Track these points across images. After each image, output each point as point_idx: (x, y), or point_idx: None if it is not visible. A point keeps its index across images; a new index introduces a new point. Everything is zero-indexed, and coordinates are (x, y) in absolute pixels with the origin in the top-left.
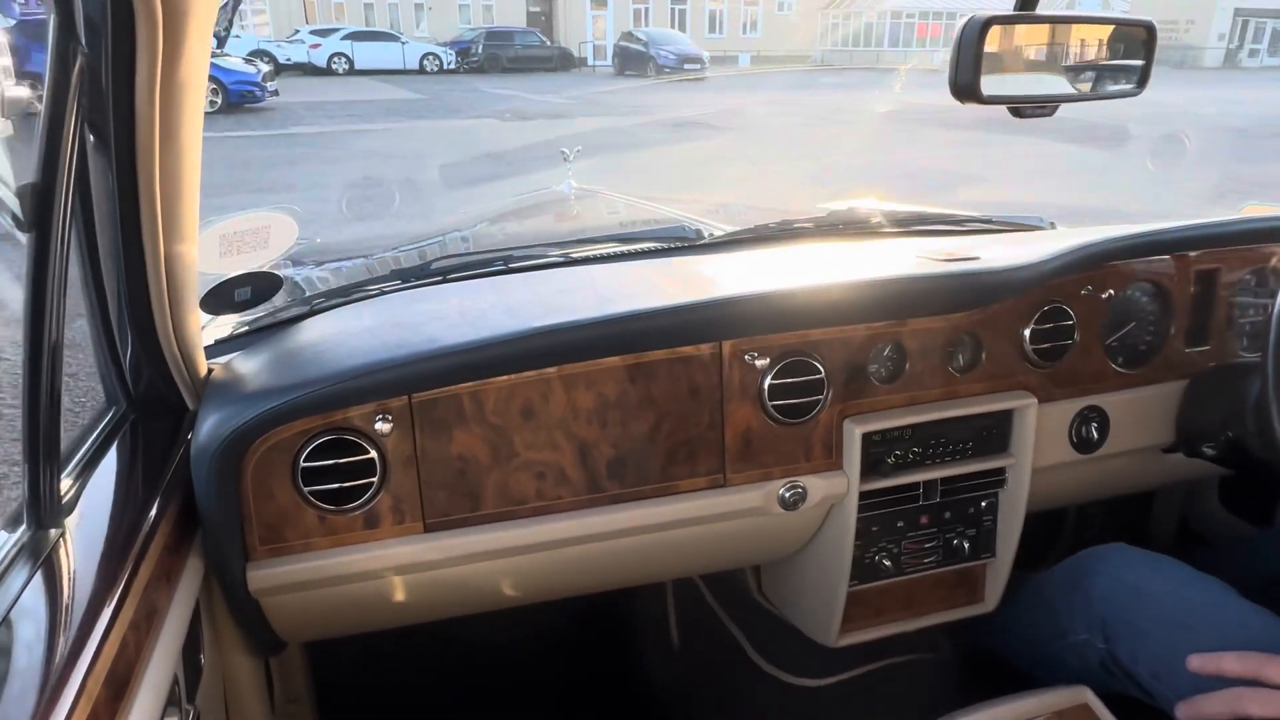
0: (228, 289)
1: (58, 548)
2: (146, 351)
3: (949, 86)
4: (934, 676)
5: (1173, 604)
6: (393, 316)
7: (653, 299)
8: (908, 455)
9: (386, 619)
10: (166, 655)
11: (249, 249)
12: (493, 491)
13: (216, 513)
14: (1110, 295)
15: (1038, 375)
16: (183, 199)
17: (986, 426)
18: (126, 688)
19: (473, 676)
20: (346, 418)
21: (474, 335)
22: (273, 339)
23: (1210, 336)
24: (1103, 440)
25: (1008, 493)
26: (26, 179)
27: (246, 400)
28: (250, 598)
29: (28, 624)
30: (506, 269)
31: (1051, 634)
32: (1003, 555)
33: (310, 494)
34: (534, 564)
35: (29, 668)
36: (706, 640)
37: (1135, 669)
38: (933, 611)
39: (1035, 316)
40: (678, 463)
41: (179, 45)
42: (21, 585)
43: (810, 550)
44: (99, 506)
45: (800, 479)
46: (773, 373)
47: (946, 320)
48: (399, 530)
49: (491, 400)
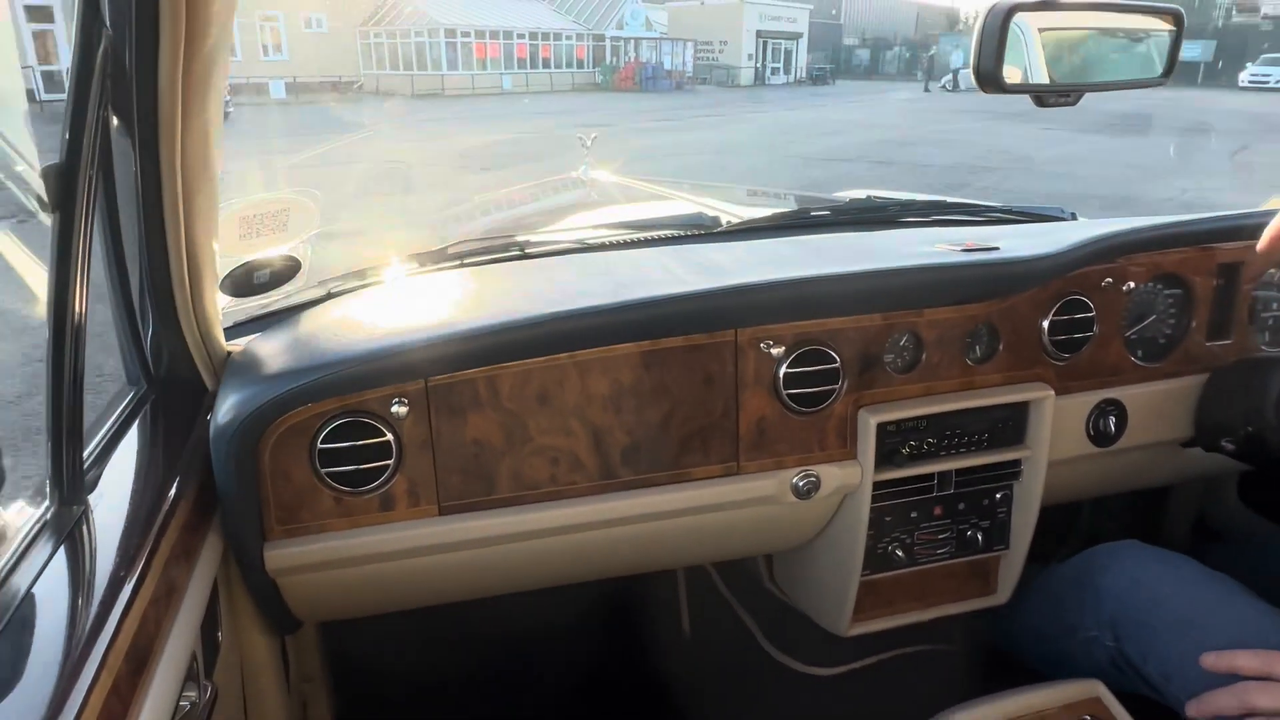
0: (247, 271)
1: (80, 524)
2: (167, 332)
3: (972, 74)
4: (944, 667)
5: (1184, 603)
6: (410, 301)
7: (669, 286)
8: (922, 446)
9: (401, 600)
10: (185, 631)
11: (269, 232)
12: (507, 476)
13: (235, 492)
14: (1131, 287)
15: (1055, 367)
16: (204, 182)
17: (1003, 418)
18: (146, 662)
19: (485, 659)
20: (363, 401)
21: (490, 321)
22: (291, 322)
23: (1232, 330)
24: (1120, 434)
25: (1023, 485)
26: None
27: (265, 382)
28: (267, 577)
29: (51, 598)
30: (523, 255)
31: (1061, 630)
32: (1016, 547)
33: (327, 475)
34: (547, 548)
35: (52, 641)
36: (717, 627)
37: (1145, 667)
38: (945, 602)
39: (1054, 308)
40: (691, 450)
41: (203, 29)
42: (45, 560)
43: (823, 539)
44: (120, 484)
45: (814, 468)
46: (788, 361)
47: (964, 310)
48: (414, 513)
49: (507, 385)
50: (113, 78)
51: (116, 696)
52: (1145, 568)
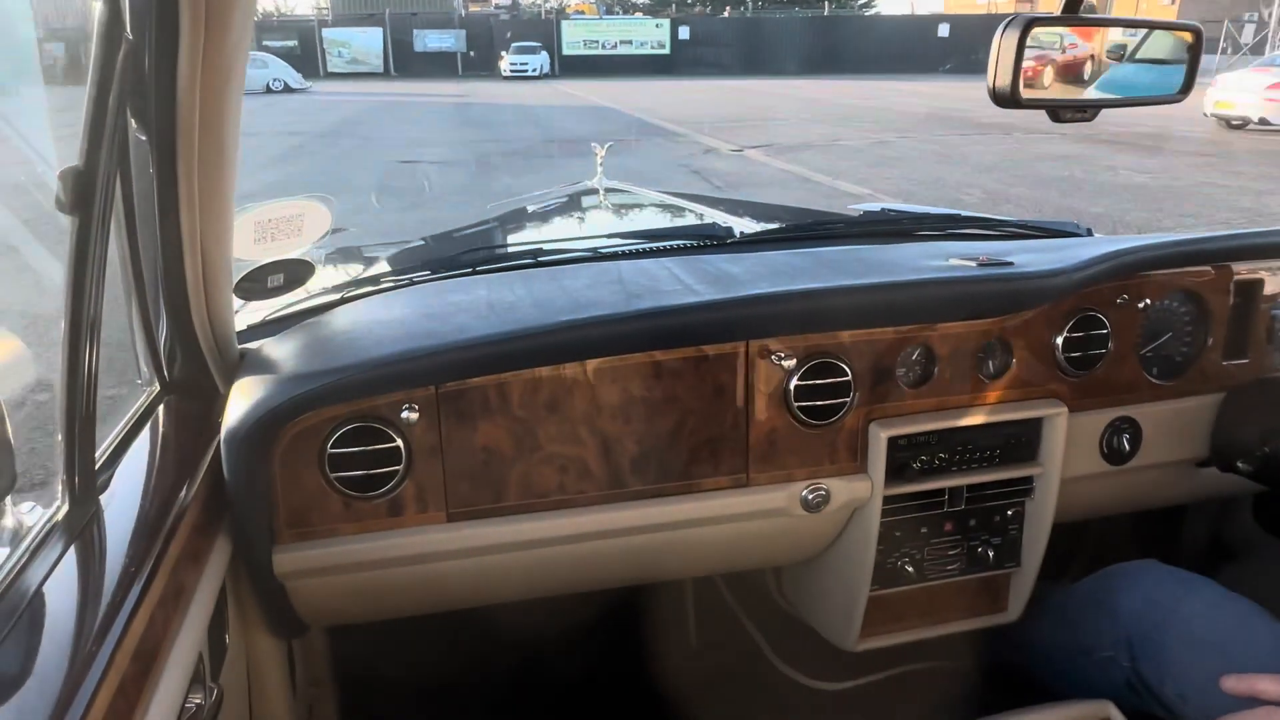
0: (261, 275)
1: (91, 524)
2: (181, 334)
3: (988, 91)
4: (953, 685)
5: (1202, 625)
6: (422, 307)
7: (680, 296)
8: (934, 461)
9: (408, 606)
10: (193, 633)
11: (283, 236)
12: (516, 484)
13: (245, 495)
14: (1146, 304)
15: (1069, 384)
16: (220, 186)
17: (1015, 434)
18: (154, 663)
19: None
20: (374, 406)
21: (501, 328)
22: (304, 326)
23: (1249, 349)
24: (1134, 452)
25: (1035, 502)
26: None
27: (277, 385)
28: (275, 580)
29: (61, 597)
30: (535, 263)
31: (1076, 649)
32: (1028, 565)
33: (336, 480)
34: (554, 557)
35: (61, 639)
36: (724, 640)
37: (1161, 689)
38: (954, 619)
39: (1069, 324)
40: (701, 461)
41: (222, 33)
42: (56, 559)
43: (832, 553)
44: (132, 485)
45: (824, 481)
46: (799, 373)
47: (977, 325)
48: (422, 519)
49: (517, 393)
50: (132, 81)
51: (123, 697)
52: (1163, 588)
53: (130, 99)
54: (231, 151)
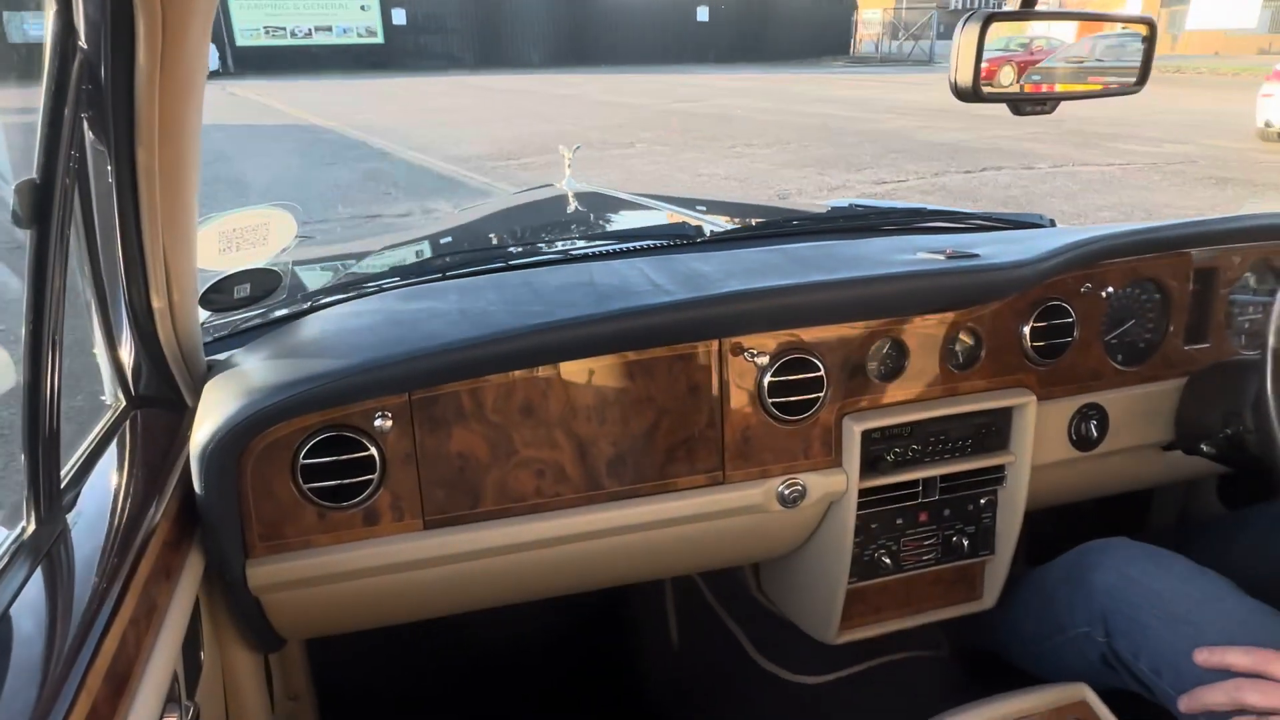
0: (227, 286)
1: (58, 544)
2: (146, 348)
3: (949, 86)
4: (933, 674)
5: (1174, 599)
6: (392, 314)
7: (652, 296)
8: (907, 453)
9: (386, 616)
10: (166, 652)
11: (248, 245)
12: (492, 489)
13: (216, 509)
14: (1110, 292)
15: (1037, 372)
16: (182, 196)
17: (986, 424)
18: (126, 684)
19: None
20: (346, 415)
21: (473, 332)
22: (272, 336)
23: (1209, 334)
24: (1102, 438)
25: (1007, 490)
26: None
27: (246, 397)
28: (250, 594)
29: (28, 619)
30: (506, 266)
31: (1051, 628)
32: (1002, 553)
33: (310, 491)
34: (533, 561)
35: (29, 663)
36: (706, 638)
37: (1136, 663)
38: (932, 608)
39: (1035, 314)
40: (677, 460)
41: (180, 42)
42: (22, 581)
43: (809, 548)
44: (99, 503)
45: (799, 476)
46: (772, 370)
47: (946, 318)
48: (398, 527)
49: (491, 398)
50: (88, 92)
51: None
52: (1136, 564)
53: (86, 109)
54: (193, 161)
